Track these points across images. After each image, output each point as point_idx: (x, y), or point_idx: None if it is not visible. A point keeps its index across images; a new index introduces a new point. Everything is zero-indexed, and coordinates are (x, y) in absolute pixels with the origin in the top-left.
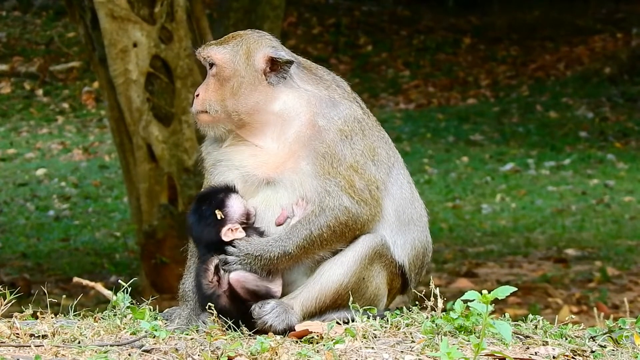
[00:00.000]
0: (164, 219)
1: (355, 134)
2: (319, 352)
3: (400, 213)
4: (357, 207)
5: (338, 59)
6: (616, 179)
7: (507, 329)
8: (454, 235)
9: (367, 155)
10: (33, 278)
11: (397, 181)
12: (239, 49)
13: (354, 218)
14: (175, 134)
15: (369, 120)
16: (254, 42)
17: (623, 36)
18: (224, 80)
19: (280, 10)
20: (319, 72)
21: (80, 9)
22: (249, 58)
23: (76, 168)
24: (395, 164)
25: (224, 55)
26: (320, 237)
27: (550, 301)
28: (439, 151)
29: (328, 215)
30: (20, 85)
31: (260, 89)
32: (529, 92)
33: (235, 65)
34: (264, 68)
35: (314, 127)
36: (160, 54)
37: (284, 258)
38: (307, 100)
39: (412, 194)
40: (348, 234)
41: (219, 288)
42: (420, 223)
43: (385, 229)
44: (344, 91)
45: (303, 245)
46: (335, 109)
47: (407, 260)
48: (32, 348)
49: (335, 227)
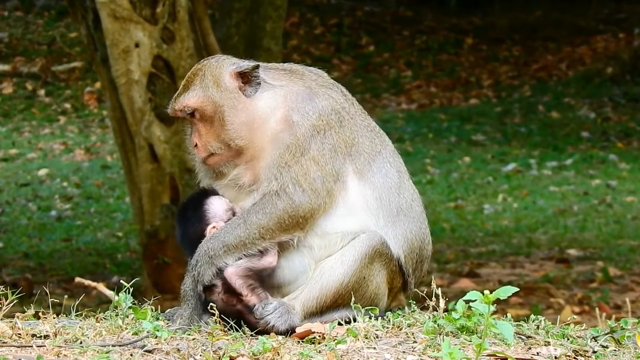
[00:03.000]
0: (165, 219)
1: (330, 128)
2: (321, 352)
3: (384, 201)
4: (300, 194)
5: (340, 59)
6: (618, 179)
7: (509, 329)
8: (456, 236)
9: (336, 150)
10: (35, 278)
11: (380, 170)
12: (206, 82)
13: (293, 206)
14: (177, 134)
15: (352, 108)
16: (215, 68)
17: (625, 36)
18: (209, 119)
19: (282, 10)
20: (287, 66)
21: (82, 9)
22: (219, 85)
23: (78, 168)
24: (382, 151)
25: (197, 98)
26: (258, 225)
27: (552, 301)
28: (441, 151)
29: (266, 203)
30: (22, 85)
31: (241, 107)
32: (531, 92)
33: (212, 98)
34: (237, 85)
35: (287, 122)
36: (162, 54)
37: (223, 249)
38: (283, 95)
39: (399, 182)
40: (288, 221)
41: (212, 294)
42: (411, 214)
43: (370, 214)
44: (322, 79)
45: (240, 234)
46: (312, 102)
47: (402, 253)
48: (34, 348)
49: (273, 215)
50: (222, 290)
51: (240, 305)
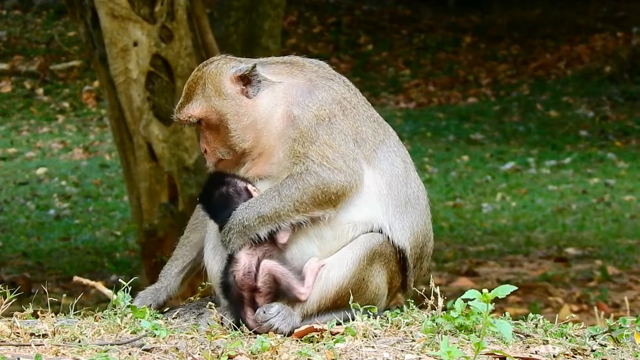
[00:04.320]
0: (164, 218)
1: (334, 116)
2: (320, 351)
3: (393, 189)
4: (328, 172)
5: (339, 57)
6: (616, 178)
7: (507, 328)
8: (455, 234)
9: (346, 135)
10: (33, 277)
11: (387, 158)
12: (208, 92)
13: (325, 182)
14: (176, 133)
15: (354, 98)
16: (215, 75)
17: (624, 35)
18: (215, 126)
19: (280, 9)
20: (287, 59)
21: (80, 7)
22: (221, 93)
23: (76, 167)
24: (385, 140)
25: (201, 108)
26: (291, 198)
27: (550, 300)
28: (440, 150)
29: (297, 179)
30: (20, 84)
31: (244, 111)
32: (530, 90)
33: (215, 107)
34: (238, 90)
35: (289, 118)
36: (161, 53)
37: (258, 220)
38: (283, 91)
39: (406, 172)
40: (321, 196)
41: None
42: (418, 206)
43: (380, 203)
44: (323, 70)
45: (274, 206)
46: (311, 94)
47: (408, 245)
48: (32, 347)
49: (306, 189)
50: (244, 267)
51: (247, 294)
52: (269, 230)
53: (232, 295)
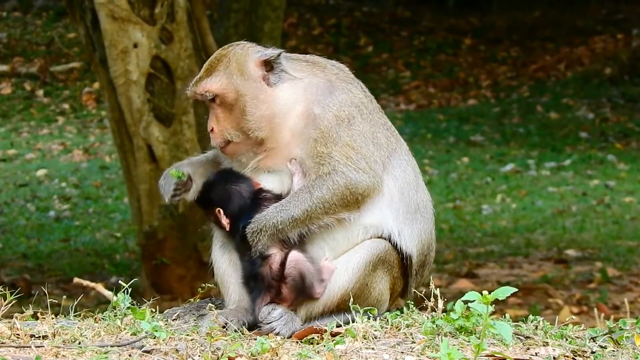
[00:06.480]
0: (164, 219)
1: (353, 118)
2: (320, 352)
3: (405, 195)
4: (354, 173)
5: (339, 59)
6: (617, 180)
7: (507, 330)
8: (455, 236)
9: (366, 137)
10: (33, 279)
11: (399, 165)
12: (231, 69)
13: (353, 182)
14: (176, 134)
15: (370, 104)
16: (240, 55)
17: (623, 37)
18: (230, 106)
19: (280, 11)
20: (309, 58)
21: (80, 9)
22: (244, 73)
23: (77, 169)
24: (397, 149)
25: (220, 84)
26: (322, 199)
27: (550, 302)
28: (440, 152)
29: (326, 180)
30: (20, 85)
31: (263, 96)
32: (530, 92)
33: (235, 86)
34: (261, 74)
35: (309, 116)
36: (161, 54)
37: (291, 223)
38: (304, 88)
39: (416, 180)
40: (350, 197)
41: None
42: (426, 215)
43: (391, 209)
44: (343, 73)
45: (307, 208)
46: (331, 95)
47: (415, 252)
48: (32, 349)
49: (336, 190)
50: (278, 261)
51: (275, 283)
52: (299, 232)
53: (261, 282)
